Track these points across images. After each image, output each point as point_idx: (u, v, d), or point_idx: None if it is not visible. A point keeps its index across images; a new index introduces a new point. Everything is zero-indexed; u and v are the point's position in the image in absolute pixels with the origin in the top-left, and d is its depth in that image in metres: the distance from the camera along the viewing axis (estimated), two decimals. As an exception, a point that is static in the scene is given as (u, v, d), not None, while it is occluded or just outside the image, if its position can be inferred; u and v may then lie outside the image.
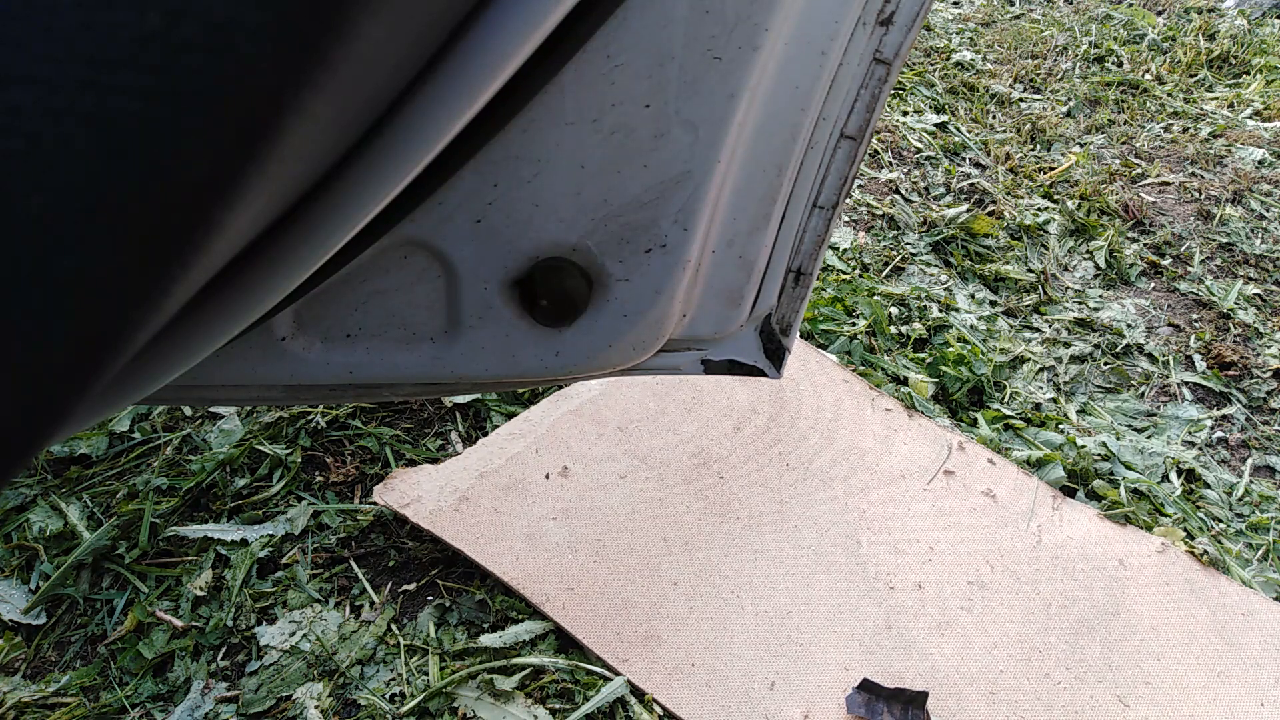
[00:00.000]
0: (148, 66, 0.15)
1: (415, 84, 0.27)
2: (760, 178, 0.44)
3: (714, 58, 0.38)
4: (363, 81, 0.22)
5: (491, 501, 1.26)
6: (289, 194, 0.26)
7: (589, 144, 0.40)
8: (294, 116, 0.19)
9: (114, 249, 0.17)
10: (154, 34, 0.15)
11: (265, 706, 1.03)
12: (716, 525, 1.29)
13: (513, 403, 1.47)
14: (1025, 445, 1.55)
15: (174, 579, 1.15)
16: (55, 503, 1.22)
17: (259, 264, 0.29)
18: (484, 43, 0.27)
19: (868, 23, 0.41)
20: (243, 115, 0.17)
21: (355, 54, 0.19)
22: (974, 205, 2.19)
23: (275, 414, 1.39)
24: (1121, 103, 2.76)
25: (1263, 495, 1.54)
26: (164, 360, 0.30)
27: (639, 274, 0.44)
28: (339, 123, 0.24)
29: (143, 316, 0.19)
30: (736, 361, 0.50)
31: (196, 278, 0.22)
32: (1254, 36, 3.21)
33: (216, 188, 0.18)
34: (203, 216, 0.19)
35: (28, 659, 1.07)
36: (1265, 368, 1.83)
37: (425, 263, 0.43)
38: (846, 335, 1.69)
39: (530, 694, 1.06)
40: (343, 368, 0.45)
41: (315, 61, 0.18)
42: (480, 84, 0.28)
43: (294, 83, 0.18)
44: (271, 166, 0.19)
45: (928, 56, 2.84)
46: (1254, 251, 2.17)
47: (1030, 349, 1.78)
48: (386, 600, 1.16)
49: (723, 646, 1.13)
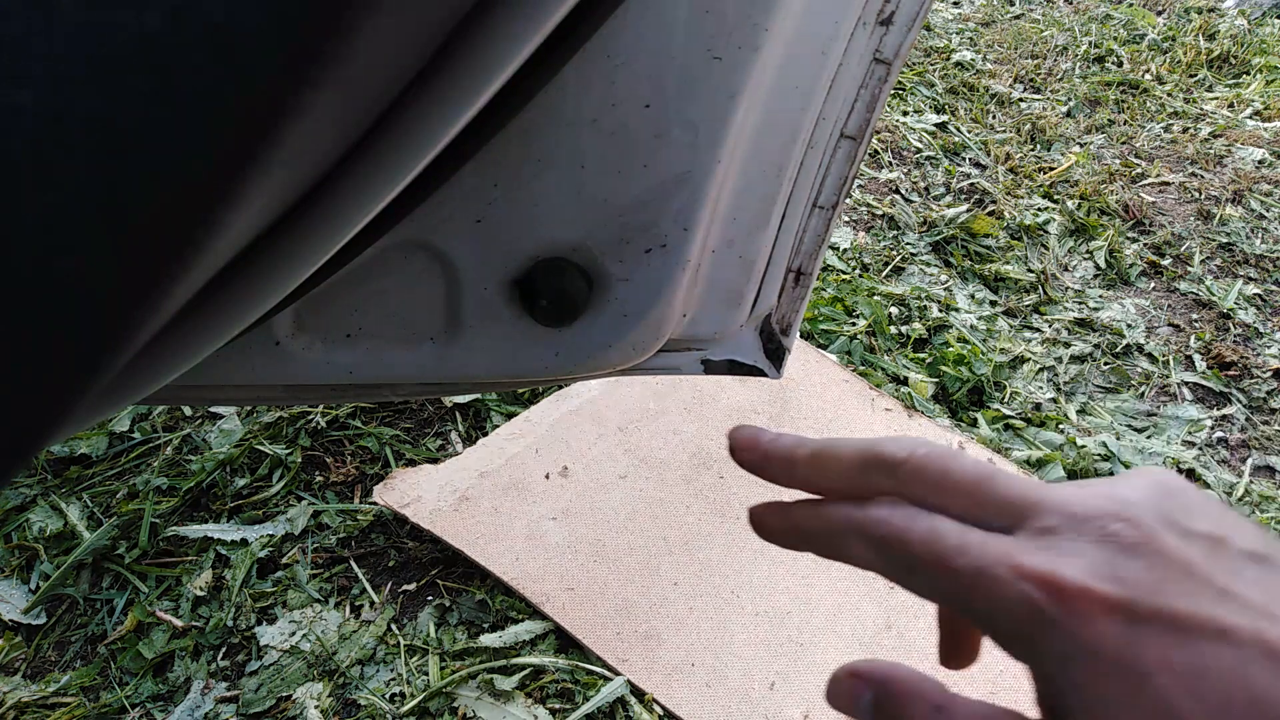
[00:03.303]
0: (148, 66, 0.15)
1: (415, 84, 0.27)
2: (760, 178, 0.44)
3: (714, 58, 0.38)
4: (363, 81, 0.22)
5: (491, 501, 1.26)
6: (289, 194, 0.26)
7: (589, 144, 0.40)
8: (294, 116, 0.19)
9: (114, 249, 0.17)
10: (154, 34, 0.15)
11: (265, 706, 1.03)
12: (716, 525, 1.29)
13: (513, 403, 1.47)
14: (1025, 445, 1.55)
15: (174, 579, 1.15)
16: (55, 503, 1.22)
17: (259, 264, 0.29)
18: (484, 43, 0.27)
19: (868, 23, 0.41)
20: (243, 115, 0.17)
21: (356, 53, 0.19)
22: (974, 205, 2.19)
23: (275, 414, 1.39)
24: (1121, 103, 2.76)
25: (1263, 495, 1.54)
26: (164, 360, 0.30)
27: (639, 274, 0.44)
28: (339, 122, 0.24)
29: (143, 316, 0.19)
30: (736, 361, 0.50)
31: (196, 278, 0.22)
32: (1254, 36, 3.21)
33: (217, 188, 0.18)
34: (203, 216, 0.19)
35: (28, 659, 1.07)
36: (1265, 368, 1.83)
37: (425, 263, 0.43)
38: (846, 335, 1.69)
39: (530, 694, 1.06)
40: (343, 368, 0.45)
41: (316, 61, 0.18)
42: (480, 84, 0.28)
43: (294, 82, 0.18)
44: (272, 166, 0.19)
45: (928, 56, 2.84)
46: (1254, 251, 2.17)
47: (1030, 349, 1.78)
48: (386, 600, 1.16)
49: (723, 646, 1.13)
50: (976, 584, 0.30)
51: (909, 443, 0.35)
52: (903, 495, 0.34)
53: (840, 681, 0.35)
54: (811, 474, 0.38)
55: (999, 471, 0.33)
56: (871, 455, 0.35)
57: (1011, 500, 0.32)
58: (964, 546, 0.31)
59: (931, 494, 0.33)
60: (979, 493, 0.33)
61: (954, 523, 0.32)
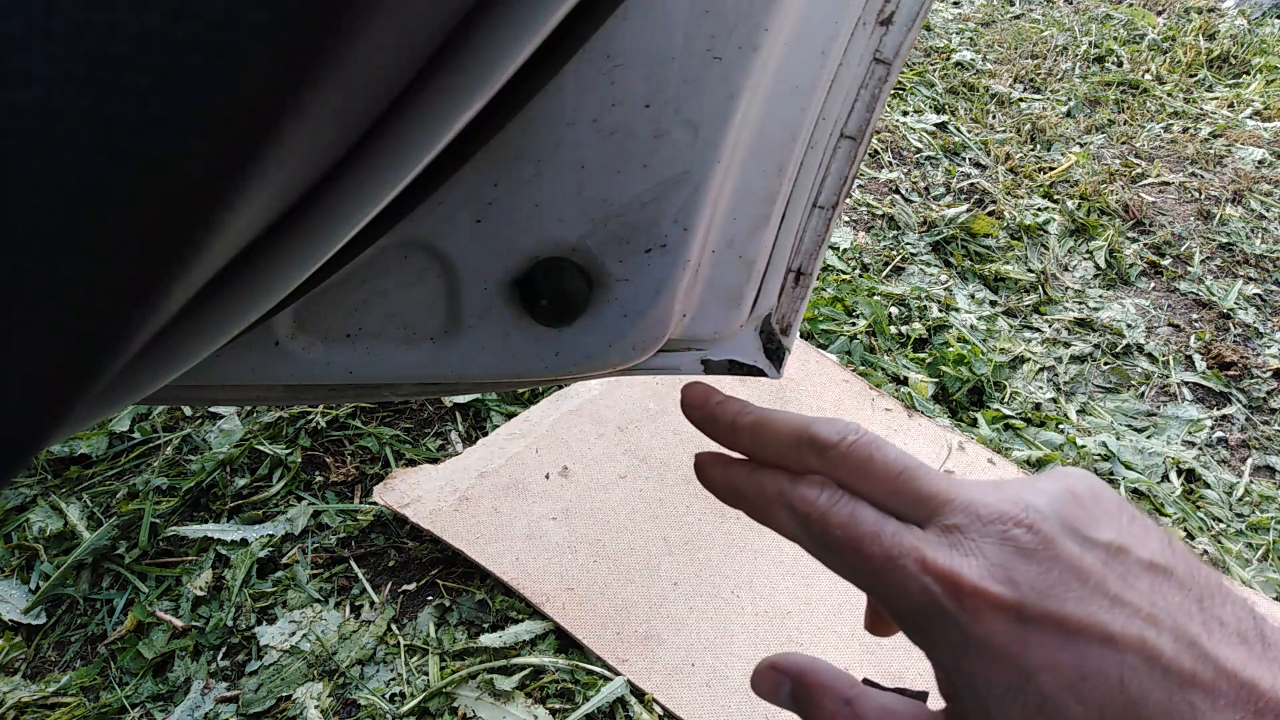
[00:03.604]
0: (147, 66, 0.15)
1: (415, 83, 0.27)
2: (760, 177, 0.44)
3: (714, 58, 0.38)
4: (363, 81, 0.22)
5: (491, 501, 1.26)
6: (289, 194, 0.26)
7: (589, 144, 0.40)
8: (294, 116, 0.19)
9: (114, 249, 0.17)
10: (153, 33, 0.15)
11: (265, 706, 1.03)
12: (716, 525, 1.29)
13: (513, 403, 1.47)
14: (1025, 445, 1.55)
15: (174, 579, 1.15)
16: (55, 503, 1.22)
17: (259, 264, 0.29)
18: (484, 43, 0.27)
19: (868, 23, 0.41)
20: (243, 115, 0.17)
21: (355, 53, 0.19)
22: (974, 205, 2.19)
23: (275, 414, 1.39)
24: (1121, 103, 2.76)
25: (1263, 495, 1.54)
26: (164, 360, 0.30)
27: (639, 274, 0.44)
28: (339, 122, 0.24)
29: (143, 316, 0.19)
30: (736, 361, 0.50)
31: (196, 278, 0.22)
32: (1254, 36, 3.21)
33: (216, 188, 0.18)
34: (203, 216, 0.19)
35: (28, 659, 1.07)
36: (1265, 368, 1.83)
37: (425, 263, 0.43)
38: (846, 335, 1.69)
39: (530, 694, 1.06)
40: (343, 368, 0.45)
41: (316, 60, 0.18)
42: (480, 84, 0.28)
43: (294, 82, 0.18)
44: (271, 166, 0.19)
45: (928, 56, 2.84)
46: (1254, 251, 2.17)
47: (1030, 349, 1.78)
48: (386, 600, 1.16)
49: (723, 646, 1.13)
50: (885, 571, 0.33)
51: (841, 427, 0.37)
52: (830, 476, 0.36)
53: (762, 674, 0.38)
54: (750, 442, 0.40)
55: (920, 466, 0.35)
56: (805, 435, 0.37)
57: (926, 495, 0.34)
58: (878, 535, 0.33)
59: (855, 479, 0.35)
60: (897, 484, 0.35)
61: (873, 511, 0.34)
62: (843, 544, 0.34)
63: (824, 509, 0.35)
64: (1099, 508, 0.33)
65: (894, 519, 0.34)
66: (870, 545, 0.33)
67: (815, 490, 0.36)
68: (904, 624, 0.34)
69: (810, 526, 0.35)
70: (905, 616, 0.33)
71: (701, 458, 0.42)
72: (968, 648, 0.31)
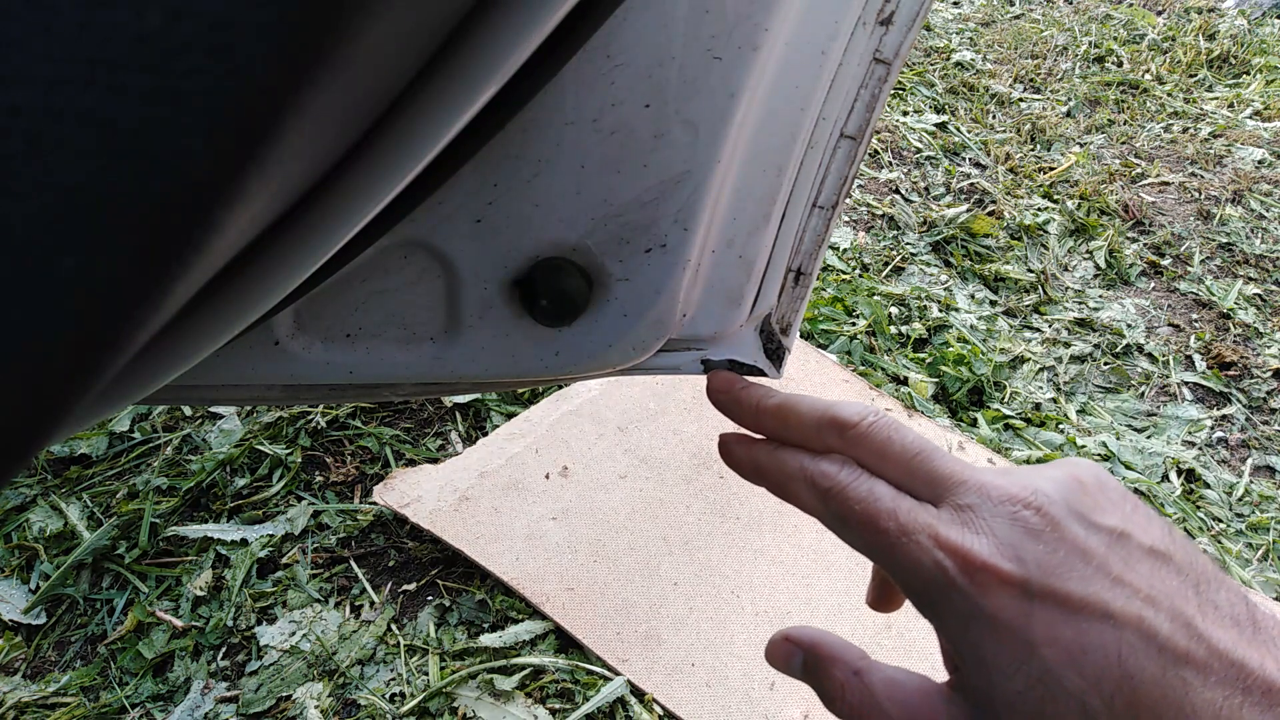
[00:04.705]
0: (147, 66, 0.15)
1: (415, 84, 0.27)
2: (760, 177, 0.44)
3: (714, 58, 0.38)
4: (363, 81, 0.22)
5: (491, 501, 1.26)
6: (289, 194, 0.26)
7: (589, 144, 0.40)
8: (294, 116, 0.19)
9: (114, 249, 0.17)
10: (153, 33, 0.15)
11: (265, 706, 1.03)
12: (716, 525, 1.29)
13: (513, 403, 1.47)
14: (1025, 445, 1.55)
15: (174, 579, 1.15)
16: (55, 503, 1.22)
17: (259, 264, 0.29)
18: (484, 43, 0.27)
19: (868, 22, 0.41)
20: (243, 115, 0.17)
21: (355, 53, 0.19)
22: (974, 205, 2.19)
23: (275, 414, 1.39)
24: (1121, 103, 2.76)
25: (1263, 495, 1.54)
26: (164, 360, 0.30)
27: (639, 274, 0.44)
28: (339, 122, 0.24)
29: (143, 316, 0.19)
30: (736, 361, 0.50)
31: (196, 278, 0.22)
32: (1254, 36, 3.21)
33: (216, 188, 0.18)
34: (203, 216, 0.18)
35: (28, 659, 1.07)
36: (1265, 368, 1.83)
37: (425, 263, 0.43)
38: (846, 335, 1.69)
39: (530, 694, 1.06)
40: (343, 368, 0.45)
41: (316, 60, 0.18)
42: (480, 84, 0.28)
43: (294, 82, 0.18)
44: (271, 166, 0.19)
45: (928, 56, 2.84)
46: (1254, 251, 2.17)
47: (1030, 349, 1.78)
48: (386, 600, 1.16)
49: (723, 646, 1.13)
50: (899, 545, 0.34)
51: (862, 409, 0.39)
52: (850, 455, 0.38)
53: (777, 645, 0.40)
54: (774, 424, 0.42)
55: (935, 449, 0.37)
56: (827, 416, 0.39)
57: (940, 476, 0.36)
58: (894, 511, 0.35)
59: (873, 459, 0.37)
60: (913, 465, 0.37)
61: (890, 488, 0.36)
62: (860, 518, 0.36)
63: (843, 484, 0.36)
64: (1104, 495, 0.35)
65: (909, 497, 0.36)
66: (886, 520, 0.35)
67: (835, 467, 0.37)
68: (914, 597, 0.35)
69: (829, 501, 0.37)
70: (916, 590, 0.34)
71: (726, 437, 0.44)
72: (975, 621, 0.32)
